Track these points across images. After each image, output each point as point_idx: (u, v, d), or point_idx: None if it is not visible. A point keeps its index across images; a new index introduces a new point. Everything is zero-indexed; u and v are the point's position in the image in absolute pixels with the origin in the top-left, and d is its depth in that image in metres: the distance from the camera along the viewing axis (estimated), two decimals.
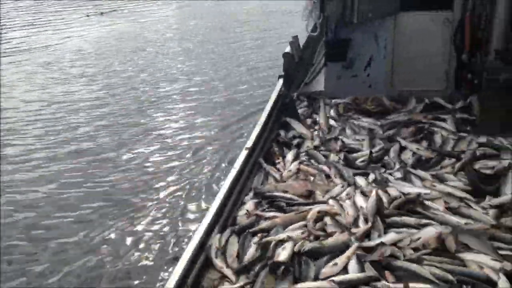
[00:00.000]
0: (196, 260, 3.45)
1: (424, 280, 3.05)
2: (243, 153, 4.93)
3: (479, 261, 3.24)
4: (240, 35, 17.72)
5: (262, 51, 15.03)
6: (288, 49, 7.20)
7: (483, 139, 5.16)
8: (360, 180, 4.48)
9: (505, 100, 5.33)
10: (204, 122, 9.58)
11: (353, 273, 3.17)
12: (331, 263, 3.29)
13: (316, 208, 3.90)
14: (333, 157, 5.08)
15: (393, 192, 4.22)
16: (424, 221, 3.72)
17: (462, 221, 3.71)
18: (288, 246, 3.47)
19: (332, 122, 6.00)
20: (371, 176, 4.56)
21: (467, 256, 3.29)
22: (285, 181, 4.68)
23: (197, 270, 3.40)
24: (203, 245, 3.61)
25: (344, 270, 3.24)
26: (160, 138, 8.87)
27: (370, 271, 3.15)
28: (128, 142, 8.66)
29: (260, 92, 10.79)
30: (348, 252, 3.35)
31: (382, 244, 3.41)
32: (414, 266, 3.17)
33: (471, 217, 3.80)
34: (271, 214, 4.05)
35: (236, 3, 24.36)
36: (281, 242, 3.55)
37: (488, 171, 4.56)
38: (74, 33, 18.88)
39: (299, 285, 3.10)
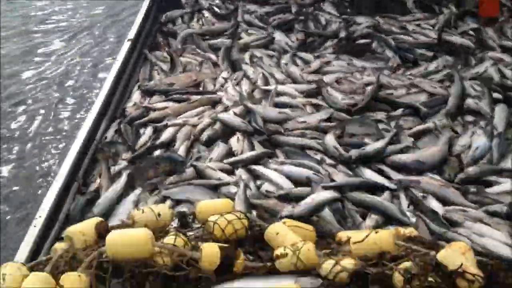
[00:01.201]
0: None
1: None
2: (126, 45, 4.68)
3: None
4: None
5: None
6: None
7: (361, 19, 5.35)
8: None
9: None
10: None
11: (247, 153, 3.28)
12: (234, 139, 3.38)
13: None
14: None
15: (278, 75, 4.36)
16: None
17: None
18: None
19: None
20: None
21: None
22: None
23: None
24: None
25: None
26: None
27: (261, 149, 3.29)
28: None
29: None
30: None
31: None
32: (299, 140, 3.37)
33: None
34: (161, 105, 4.00)
35: None
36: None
37: None
38: None
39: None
